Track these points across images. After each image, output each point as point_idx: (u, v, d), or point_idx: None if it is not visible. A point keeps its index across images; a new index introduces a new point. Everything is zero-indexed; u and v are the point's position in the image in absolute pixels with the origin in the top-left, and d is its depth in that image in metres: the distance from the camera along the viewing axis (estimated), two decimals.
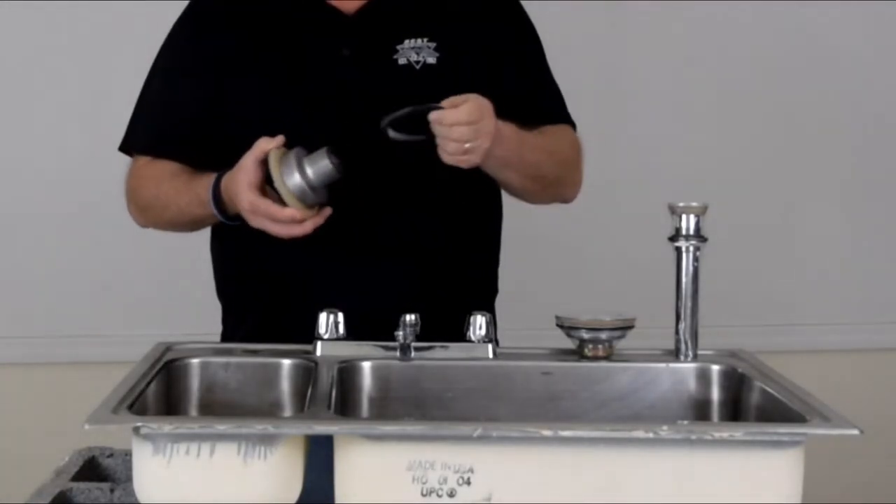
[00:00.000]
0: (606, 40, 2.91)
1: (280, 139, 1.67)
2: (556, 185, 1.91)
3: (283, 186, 1.64)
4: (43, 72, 2.82)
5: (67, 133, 2.82)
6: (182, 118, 1.85)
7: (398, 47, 1.80)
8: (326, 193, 1.68)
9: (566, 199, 1.96)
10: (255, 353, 1.66)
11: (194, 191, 1.78)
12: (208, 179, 1.77)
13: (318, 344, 1.63)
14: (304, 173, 1.64)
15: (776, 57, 2.96)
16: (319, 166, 1.65)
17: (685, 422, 1.57)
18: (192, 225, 1.87)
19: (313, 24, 1.82)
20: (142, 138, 1.89)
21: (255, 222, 1.68)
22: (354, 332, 1.63)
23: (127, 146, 1.91)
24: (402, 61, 1.80)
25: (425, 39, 1.80)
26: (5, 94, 2.83)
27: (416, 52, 1.80)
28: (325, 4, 1.82)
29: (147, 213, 1.89)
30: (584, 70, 1.85)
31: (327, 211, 1.69)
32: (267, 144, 1.66)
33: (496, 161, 1.74)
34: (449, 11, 1.83)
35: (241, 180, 1.67)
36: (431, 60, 1.79)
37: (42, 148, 2.83)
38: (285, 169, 1.64)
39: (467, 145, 1.66)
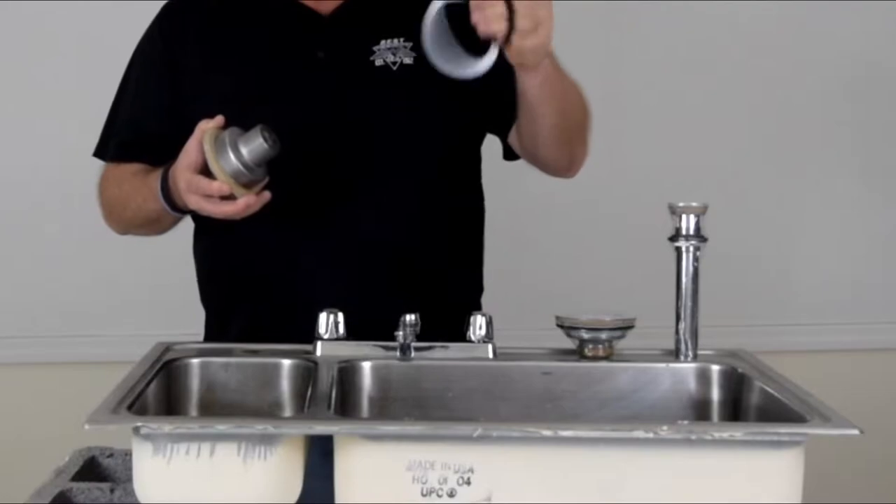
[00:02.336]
0: (606, 40, 2.91)
1: (219, 120, 1.65)
2: (577, 132, 1.82)
3: (215, 164, 1.62)
4: (42, 71, 2.82)
5: (68, 132, 2.81)
6: (153, 127, 1.84)
7: (374, 48, 1.78)
8: (264, 173, 1.65)
9: (575, 160, 1.87)
10: (255, 353, 1.66)
11: (148, 185, 1.77)
12: (160, 172, 1.75)
13: (318, 344, 1.63)
14: (237, 151, 1.62)
15: (776, 56, 2.96)
16: (253, 145, 1.62)
17: (685, 422, 1.57)
18: (152, 223, 1.84)
19: (288, 26, 1.81)
20: (112, 146, 1.89)
21: (192, 202, 1.65)
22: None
23: (100, 153, 1.91)
24: (378, 62, 1.78)
25: (401, 39, 1.78)
26: (4, 93, 2.83)
27: (392, 52, 1.78)
28: (300, 5, 1.81)
29: (111, 214, 1.88)
30: (583, 70, 1.84)
31: (266, 195, 1.65)
32: (205, 124, 1.64)
33: (553, 71, 1.66)
34: (423, 3, 1.81)
35: (181, 163, 1.65)
36: (408, 61, 1.78)
37: (42, 147, 2.83)
38: (219, 148, 1.62)
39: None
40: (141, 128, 1.86)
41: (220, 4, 1.86)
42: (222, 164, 1.62)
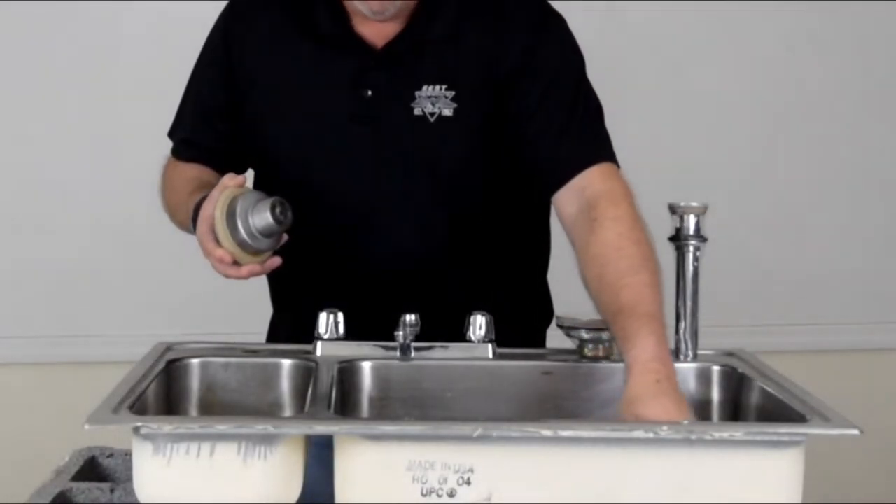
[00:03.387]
0: (606, 40, 2.91)
1: (240, 179, 1.65)
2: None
3: (222, 232, 1.61)
4: (46, 72, 2.82)
5: (69, 134, 2.82)
6: (208, 130, 1.85)
7: (416, 93, 1.73)
8: (273, 244, 1.64)
9: None
10: (255, 353, 1.66)
11: (188, 207, 1.76)
12: (197, 200, 1.74)
13: (318, 344, 1.63)
14: (245, 222, 1.61)
15: (777, 55, 2.96)
16: (261, 216, 1.61)
17: (685, 422, 1.57)
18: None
19: (343, 56, 1.76)
20: (176, 139, 1.90)
21: (203, 254, 1.66)
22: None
23: (171, 135, 1.92)
24: (417, 111, 1.73)
25: (443, 87, 1.73)
26: (7, 93, 2.83)
27: (431, 101, 1.73)
28: (357, 35, 1.75)
29: (165, 211, 1.90)
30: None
31: (275, 261, 1.65)
32: (229, 181, 1.64)
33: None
34: (470, 53, 1.75)
35: (204, 211, 1.65)
36: (447, 112, 1.73)
37: (43, 148, 2.83)
38: (229, 215, 1.62)
39: None
40: (198, 128, 1.87)
41: (284, 13, 1.81)
42: (229, 232, 1.61)
